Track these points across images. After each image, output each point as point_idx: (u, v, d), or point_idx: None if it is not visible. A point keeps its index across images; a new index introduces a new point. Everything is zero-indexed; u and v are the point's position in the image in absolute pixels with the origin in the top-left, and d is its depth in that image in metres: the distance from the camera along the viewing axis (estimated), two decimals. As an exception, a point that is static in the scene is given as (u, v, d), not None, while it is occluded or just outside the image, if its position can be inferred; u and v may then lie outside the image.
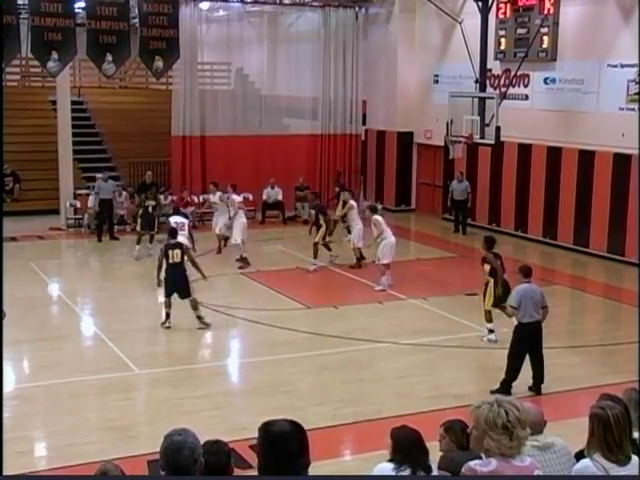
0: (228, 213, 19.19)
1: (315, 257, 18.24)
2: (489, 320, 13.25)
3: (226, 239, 19.49)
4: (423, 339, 13.61)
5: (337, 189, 22.62)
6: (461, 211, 22.89)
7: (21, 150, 25.31)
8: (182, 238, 15.80)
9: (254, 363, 12.85)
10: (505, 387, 11.03)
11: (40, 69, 22.77)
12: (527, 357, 11.27)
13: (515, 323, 11.34)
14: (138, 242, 19.25)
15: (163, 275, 14.21)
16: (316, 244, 18.21)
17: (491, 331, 13.20)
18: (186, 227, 16.78)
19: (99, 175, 24.57)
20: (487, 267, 13.18)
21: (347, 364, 12.65)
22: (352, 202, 19.15)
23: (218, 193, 19.81)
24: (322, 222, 18.31)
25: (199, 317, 13.99)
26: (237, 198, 19.17)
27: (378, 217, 16.84)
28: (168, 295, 13.92)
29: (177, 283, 13.89)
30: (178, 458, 3.96)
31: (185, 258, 14.08)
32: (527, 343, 11.23)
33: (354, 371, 12.36)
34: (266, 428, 3.84)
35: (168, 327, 13.90)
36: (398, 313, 15.15)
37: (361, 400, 11.19)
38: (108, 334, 13.63)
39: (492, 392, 10.57)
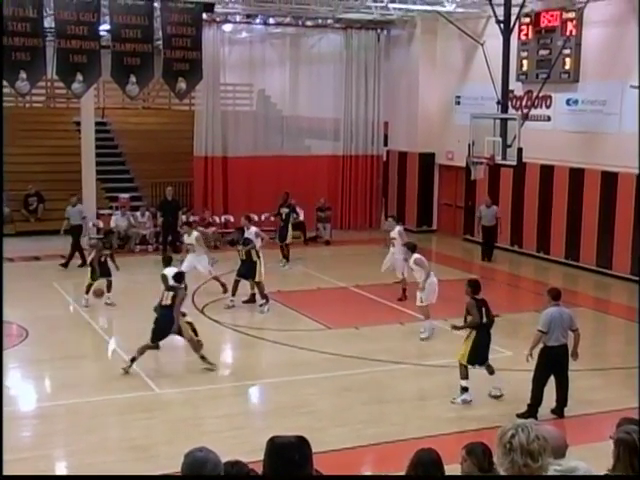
0: (207, 254, 17.88)
1: (263, 297, 16.58)
2: (465, 376, 11.69)
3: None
4: (444, 360, 13.52)
5: (286, 210, 21.52)
6: (489, 237, 22.17)
7: (45, 170, 25.59)
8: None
9: (275, 384, 12.84)
10: (532, 410, 10.92)
11: (65, 90, 22.99)
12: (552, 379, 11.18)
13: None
14: (87, 292, 16.80)
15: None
16: (259, 283, 16.55)
17: (465, 389, 11.68)
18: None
19: (124, 196, 24.78)
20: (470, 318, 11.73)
21: (368, 385, 12.60)
22: (399, 228, 17.79)
23: (195, 233, 18.12)
24: (255, 257, 16.51)
25: (202, 357, 12.96)
26: (258, 239, 17.27)
27: (420, 256, 15.35)
28: (157, 340, 12.97)
29: (167, 327, 12.84)
30: (203, 472, 3.97)
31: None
32: (552, 366, 11.12)
33: (375, 392, 12.31)
34: (271, 439, 3.92)
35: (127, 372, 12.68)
36: (419, 334, 15.07)
37: (382, 421, 11.15)
38: (129, 354, 13.63)
39: (518, 415, 10.49)
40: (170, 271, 14.23)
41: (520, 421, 4.17)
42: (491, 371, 11.86)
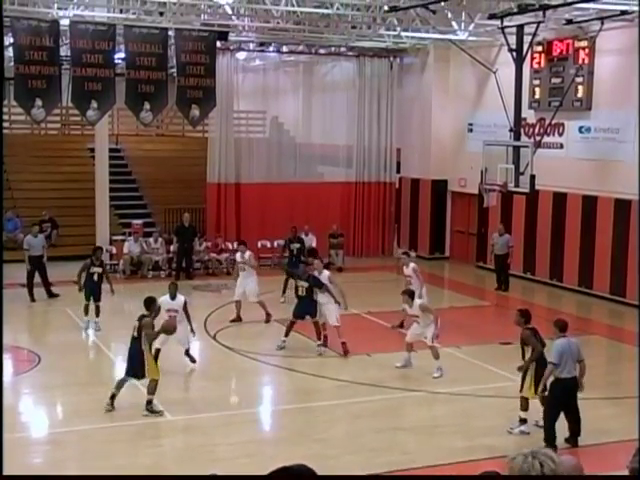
0: (254, 277, 17.67)
1: (319, 337, 15.58)
2: (525, 408, 11.57)
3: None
4: (457, 388, 13.47)
5: (297, 245, 21.45)
6: (502, 266, 21.88)
7: (59, 197, 25.77)
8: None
9: (287, 410, 12.79)
10: (548, 445, 10.73)
11: (80, 117, 23.19)
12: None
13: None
14: (86, 313, 16.96)
15: None
16: (318, 322, 15.60)
17: (524, 421, 11.58)
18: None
19: (137, 222, 24.80)
20: (529, 350, 11.46)
21: (380, 412, 12.54)
22: (413, 265, 17.08)
23: (248, 252, 18.02)
24: (316, 296, 15.59)
25: (149, 402, 12.20)
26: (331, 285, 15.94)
27: (422, 301, 14.92)
28: (128, 374, 12.45)
29: (132, 361, 12.35)
30: (200, 475, 3.99)
31: (142, 334, 12.32)
32: (564, 399, 11.00)
33: (387, 420, 12.25)
34: (281, 468, 3.88)
35: (110, 410, 12.18)
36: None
37: (394, 449, 11.08)
38: (141, 380, 13.63)
39: None
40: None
41: (527, 449, 4.11)
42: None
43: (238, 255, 18.25)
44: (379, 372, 14.39)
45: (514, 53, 20.51)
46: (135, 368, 12.31)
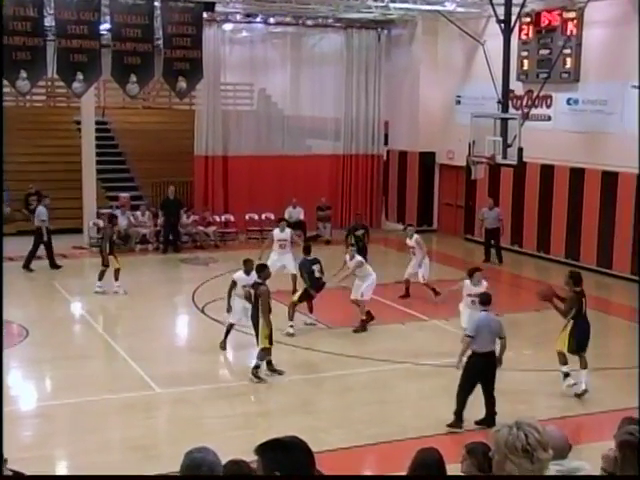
0: (292, 253, 17.72)
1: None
2: (564, 362, 12.01)
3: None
4: (445, 360, 13.50)
5: (362, 231, 20.78)
6: (493, 239, 21.91)
7: (45, 170, 25.57)
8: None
9: (276, 383, 12.83)
10: (456, 418, 10.80)
11: (65, 90, 23.01)
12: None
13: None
14: (100, 278, 17.85)
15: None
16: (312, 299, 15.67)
17: (567, 375, 11.99)
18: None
19: (124, 195, 24.67)
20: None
21: (369, 385, 12.62)
22: (417, 237, 17.88)
23: (288, 230, 18.04)
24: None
25: (256, 367, 12.65)
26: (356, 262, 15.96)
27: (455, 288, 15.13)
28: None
29: (256, 328, 12.81)
30: (198, 474, 4.01)
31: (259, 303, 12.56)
32: (479, 374, 10.94)
33: (376, 392, 12.33)
34: (273, 440, 3.85)
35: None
36: (420, 334, 15.09)
37: (383, 421, 11.16)
38: (130, 353, 13.68)
39: (447, 425, 10.61)
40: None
41: (512, 420, 4.14)
42: (584, 365, 11.91)
43: (277, 231, 18.00)
44: (368, 345, 14.46)
45: (502, 24, 20.40)
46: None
